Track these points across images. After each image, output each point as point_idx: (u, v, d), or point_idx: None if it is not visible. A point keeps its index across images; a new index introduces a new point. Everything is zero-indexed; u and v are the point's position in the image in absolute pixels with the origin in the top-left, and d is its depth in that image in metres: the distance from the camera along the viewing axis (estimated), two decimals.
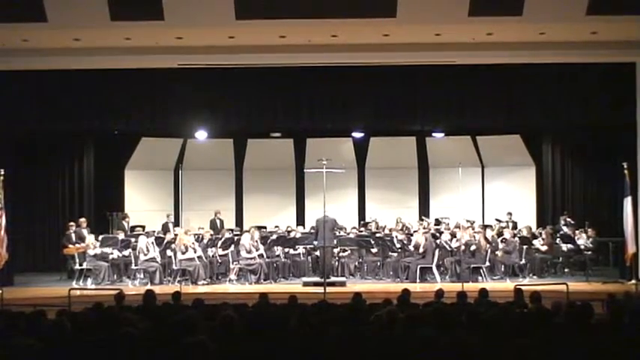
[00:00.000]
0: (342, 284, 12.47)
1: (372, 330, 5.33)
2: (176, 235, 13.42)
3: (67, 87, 13.20)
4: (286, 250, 13.83)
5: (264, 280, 12.94)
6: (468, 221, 14.50)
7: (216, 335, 4.92)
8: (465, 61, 12.46)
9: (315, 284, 12.13)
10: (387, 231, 14.34)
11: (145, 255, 12.87)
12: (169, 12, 10.53)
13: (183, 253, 12.84)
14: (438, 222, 15.53)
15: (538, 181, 16.59)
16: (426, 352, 4.33)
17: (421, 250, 12.95)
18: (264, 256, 13.20)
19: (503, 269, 13.28)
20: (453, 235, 13.48)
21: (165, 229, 14.88)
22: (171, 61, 12.36)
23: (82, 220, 14.16)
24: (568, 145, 16.14)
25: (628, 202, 12.45)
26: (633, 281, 12.17)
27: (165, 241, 13.43)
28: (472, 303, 7.51)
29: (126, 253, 13.18)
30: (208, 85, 13.44)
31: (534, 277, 13.21)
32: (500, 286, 11.87)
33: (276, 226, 15.10)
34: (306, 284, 12.43)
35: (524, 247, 13.36)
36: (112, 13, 10.52)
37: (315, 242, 13.13)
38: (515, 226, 14.70)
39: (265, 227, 15.14)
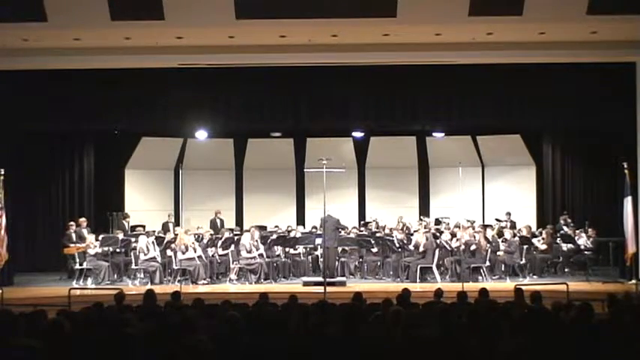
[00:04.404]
0: (342, 284, 12.48)
1: (372, 330, 5.33)
2: (176, 234, 13.42)
3: (67, 87, 13.20)
4: (286, 249, 13.83)
5: (265, 279, 12.94)
6: (468, 221, 14.49)
7: (217, 335, 4.93)
8: (465, 61, 12.45)
9: (316, 284, 12.14)
10: (387, 231, 14.34)
11: (145, 255, 12.88)
12: (169, 12, 10.53)
13: (183, 253, 12.84)
14: (438, 222, 15.52)
15: (538, 181, 16.58)
16: (426, 352, 4.33)
17: (421, 249, 12.95)
18: (265, 255, 13.20)
19: (503, 269, 13.28)
20: (453, 235, 13.48)
21: (165, 228, 14.89)
22: (171, 61, 12.36)
23: (82, 219, 14.15)
24: (568, 145, 16.12)
25: (628, 202, 12.45)
26: (633, 281, 12.16)
27: (165, 241, 13.43)
28: (472, 303, 7.51)
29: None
30: (208, 85, 13.43)
31: (534, 277, 13.21)
32: (501, 286, 11.89)
33: (276, 226, 15.08)
34: (306, 284, 12.44)
35: (525, 247, 13.37)
36: (112, 13, 10.52)
37: (319, 241, 13.13)
38: (513, 226, 14.70)
39: (265, 227, 15.14)
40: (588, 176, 15.91)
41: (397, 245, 13.28)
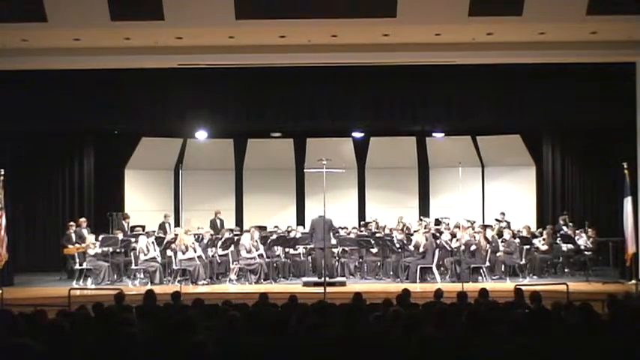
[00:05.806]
0: (342, 284, 12.48)
1: (372, 330, 5.33)
2: (176, 235, 13.43)
3: (67, 87, 13.20)
4: (286, 250, 13.83)
5: (264, 280, 12.94)
6: (468, 221, 14.50)
7: (218, 335, 4.92)
8: (465, 61, 12.45)
9: (315, 284, 12.14)
10: (387, 231, 14.34)
11: (145, 255, 12.88)
12: (169, 12, 10.53)
13: (183, 253, 12.84)
14: (438, 222, 15.52)
15: (538, 181, 16.59)
16: (426, 352, 4.32)
17: (421, 250, 12.95)
18: (264, 256, 13.20)
19: (503, 269, 13.29)
20: (453, 235, 13.48)
21: (162, 228, 14.87)
22: (171, 61, 12.36)
23: (82, 220, 14.15)
24: (568, 145, 16.12)
25: (628, 202, 12.45)
26: (633, 281, 12.16)
27: (165, 241, 13.43)
28: (472, 303, 7.51)
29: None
30: (208, 85, 13.44)
31: (534, 277, 13.22)
32: (500, 286, 11.89)
33: (276, 226, 15.09)
34: (306, 284, 12.43)
35: (525, 247, 13.37)
36: (112, 13, 10.51)
37: (312, 244, 13.14)
38: (508, 226, 14.69)
39: (265, 227, 15.14)
40: (588, 176, 15.90)
41: (397, 245, 13.29)
